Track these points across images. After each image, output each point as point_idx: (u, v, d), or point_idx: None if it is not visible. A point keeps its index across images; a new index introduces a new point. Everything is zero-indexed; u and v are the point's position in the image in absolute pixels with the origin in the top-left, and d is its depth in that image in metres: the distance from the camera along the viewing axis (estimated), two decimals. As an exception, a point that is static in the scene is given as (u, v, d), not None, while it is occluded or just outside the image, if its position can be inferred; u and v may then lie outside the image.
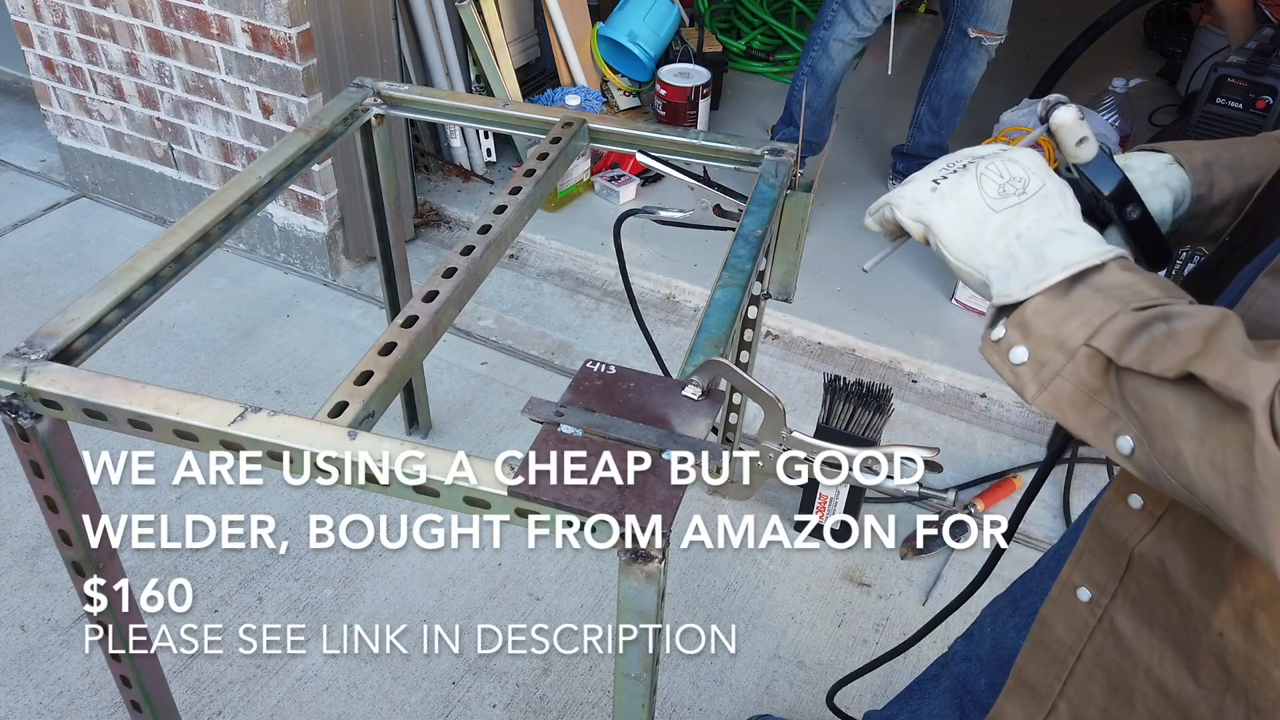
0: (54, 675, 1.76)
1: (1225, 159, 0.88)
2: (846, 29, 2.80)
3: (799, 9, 4.25)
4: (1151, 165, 0.89)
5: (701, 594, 1.96)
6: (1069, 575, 0.84)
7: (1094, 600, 0.82)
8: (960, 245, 0.73)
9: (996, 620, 1.14)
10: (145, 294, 1.20)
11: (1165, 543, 0.75)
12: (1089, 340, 0.65)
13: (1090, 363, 0.65)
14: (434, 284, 1.20)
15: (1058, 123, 0.81)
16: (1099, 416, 0.66)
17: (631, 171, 3.14)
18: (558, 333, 2.64)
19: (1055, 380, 0.67)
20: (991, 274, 0.72)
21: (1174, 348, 0.60)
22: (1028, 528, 2.13)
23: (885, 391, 1.91)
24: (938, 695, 1.26)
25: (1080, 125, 0.81)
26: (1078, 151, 0.83)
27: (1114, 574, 0.80)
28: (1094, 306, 0.65)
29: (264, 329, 2.59)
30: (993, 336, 0.71)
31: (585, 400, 0.96)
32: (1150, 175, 0.89)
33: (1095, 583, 0.82)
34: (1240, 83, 3.01)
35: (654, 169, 1.53)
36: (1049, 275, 0.68)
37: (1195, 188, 0.88)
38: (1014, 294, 0.69)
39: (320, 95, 2.45)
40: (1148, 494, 0.75)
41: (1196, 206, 0.88)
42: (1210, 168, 0.88)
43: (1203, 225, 0.90)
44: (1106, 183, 0.83)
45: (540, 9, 3.35)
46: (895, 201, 0.78)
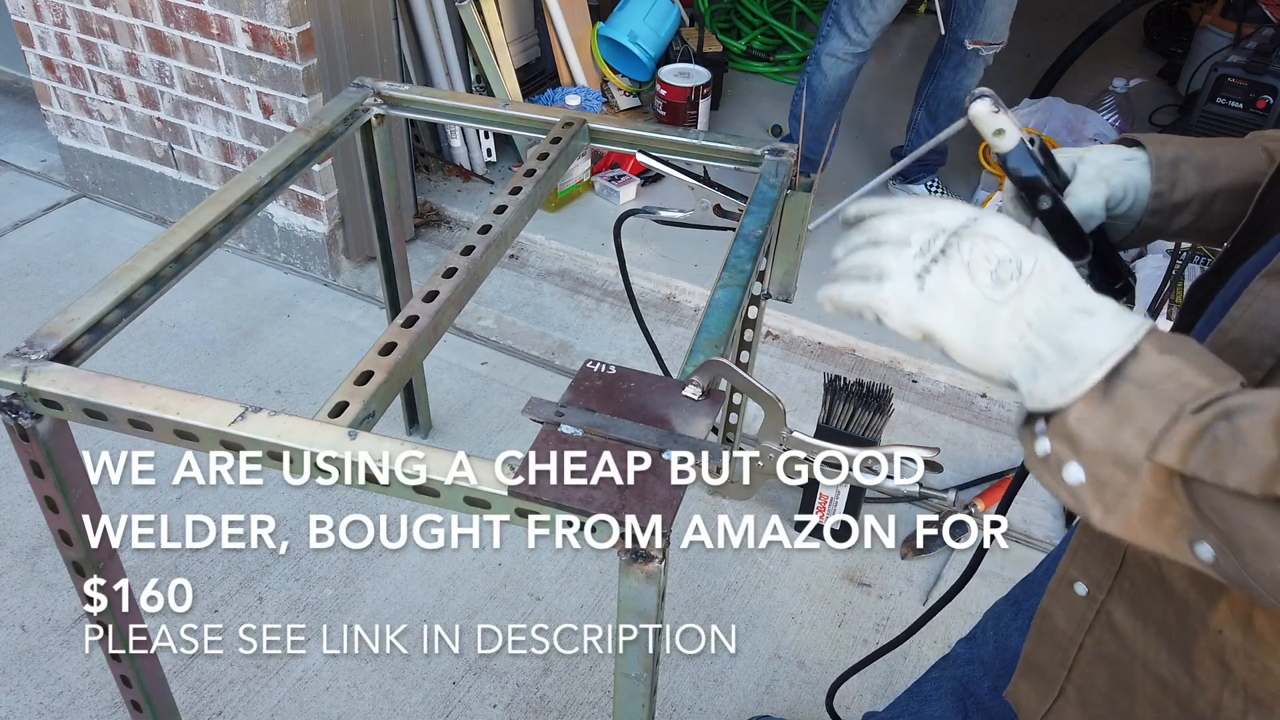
0: (54, 675, 1.76)
1: (1198, 158, 0.88)
2: (839, 44, 2.78)
3: (799, 9, 4.25)
4: (1107, 159, 0.90)
5: (701, 594, 1.96)
6: (1066, 569, 0.84)
7: (1090, 595, 0.82)
8: (971, 350, 0.66)
9: (999, 623, 1.14)
10: (145, 294, 1.20)
11: None
12: (1150, 455, 0.59)
13: (1155, 476, 0.59)
14: (434, 284, 1.20)
15: (972, 115, 0.85)
16: (1170, 526, 0.61)
17: (632, 171, 3.14)
18: (558, 333, 2.64)
19: (1122, 501, 0.61)
20: (1015, 374, 0.65)
21: (1245, 456, 0.55)
22: (1028, 528, 2.13)
23: (885, 391, 1.91)
24: (939, 697, 1.26)
25: (995, 118, 0.84)
26: (997, 142, 0.86)
27: (1109, 570, 0.80)
28: (1145, 412, 0.59)
29: (264, 329, 2.59)
30: (1039, 453, 0.65)
31: (585, 400, 0.96)
32: (1098, 169, 0.89)
33: (1091, 578, 0.82)
34: (1240, 82, 3.02)
35: (654, 169, 1.53)
36: (1084, 375, 0.61)
37: (1156, 184, 0.88)
38: (1049, 399, 0.62)
39: (320, 95, 2.45)
40: None
41: (1156, 203, 0.88)
42: (1179, 165, 0.88)
43: (1165, 222, 0.89)
44: (1022, 172, 0.87)
45: (540, 9, 3.35)
46: (881, 309, 0.68)
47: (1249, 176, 0.86)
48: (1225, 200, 0.87)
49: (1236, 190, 0.87)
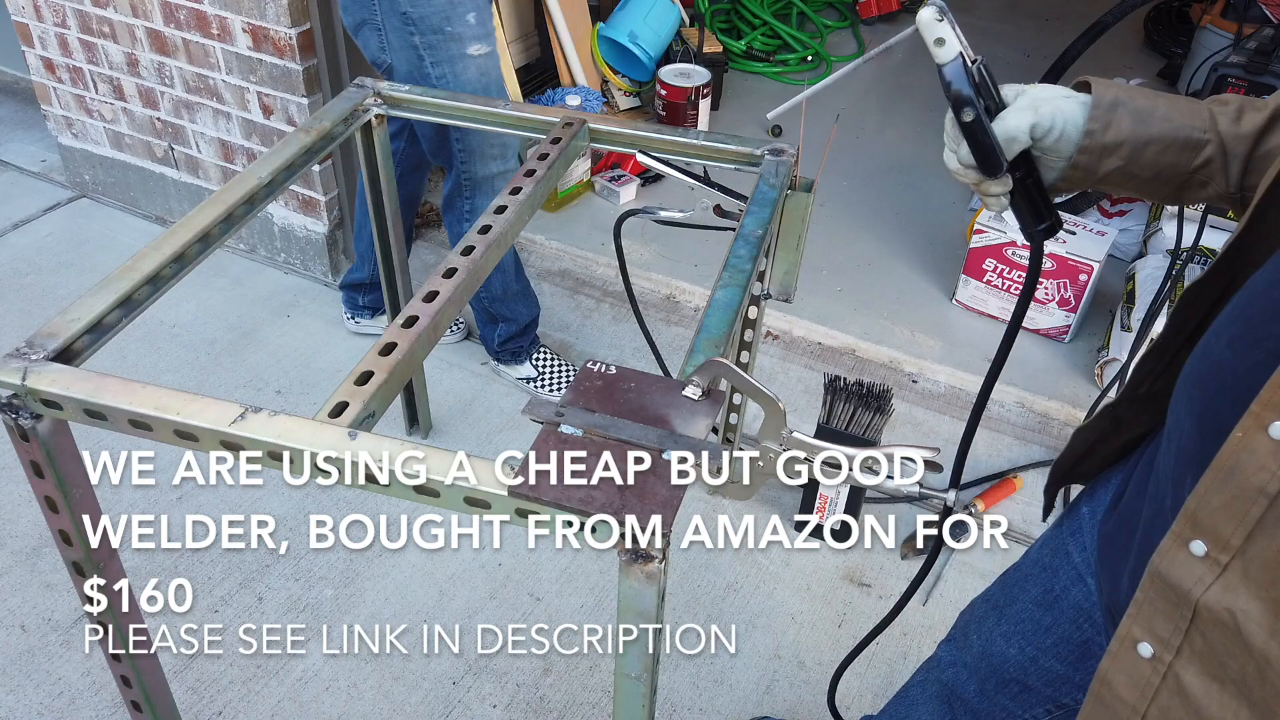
0: (54, 675, 1.76)
1: (1137, 104, 0.89)
2: None
3: (799, 9, 4.25)
4: (1047, 94, 0.92)
5: (701, 594, 1.96)
6: (1128, 629, 0.76)
7: (1156, 656, 0.74)
8: None
9: (981, 626, 1.13)
10: (145, 294, 1.20)
11: (1235, 592, 0.67)
12: None
13: None
14: (434, 284, 1.20)
15: (919, 19, 0.88)
16: None
17: (632, 172, 3.14)
18: (558, 333, 2.64)
19: None
20: None
21: None
22: (1028, 528, 2.13)
23: (885, 391, 1.91)
24: (926, 701, 1.25)
25: (937, 26, 0.88)
26: (937, 51, 0.89)
27: (1178, 627, 0.72)
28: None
29: (264, 329, 2.59)
30: None
31: (585, 400, 0.96)
32: (1031, 99, 0.92)
33: (1157, 637, 0.74)
34: (1240, 82, 3.02)
35: (654, 169, 1.53)
36: None
37: (1089, 123, 0.89)
38: None
39: (320, 95, 2.46)
40: (1212, 540, 0.68)
41: (1087, 140, 0.90)
42: (1116, 108, 0.89)
43: (1095, 161, 0.91)
44: (952, 85, 0.90)
45: (540, 9, 3.35)
46: None
47: (1183, 131, 0.87)
48: (1157, 150, 0.88)
49: (1168, 141, 0.88)
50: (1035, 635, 1.03)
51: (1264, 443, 0.62)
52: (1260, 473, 0.62)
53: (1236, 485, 0.64)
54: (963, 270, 2.69)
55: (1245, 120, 0.87)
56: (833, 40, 4.33)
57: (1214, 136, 0.87)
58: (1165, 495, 0.77)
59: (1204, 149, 0.87)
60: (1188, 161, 0.88)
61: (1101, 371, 2.47)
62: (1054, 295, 2.55)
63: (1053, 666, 1.01)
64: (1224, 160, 0.87)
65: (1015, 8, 4.88)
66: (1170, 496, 0.76)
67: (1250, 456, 0.63)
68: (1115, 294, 2.68)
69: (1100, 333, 2.62)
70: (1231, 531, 0.65)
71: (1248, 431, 0.63)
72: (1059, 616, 1.00)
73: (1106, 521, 0.91)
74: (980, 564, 2.05)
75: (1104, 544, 0.90)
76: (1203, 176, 0.89)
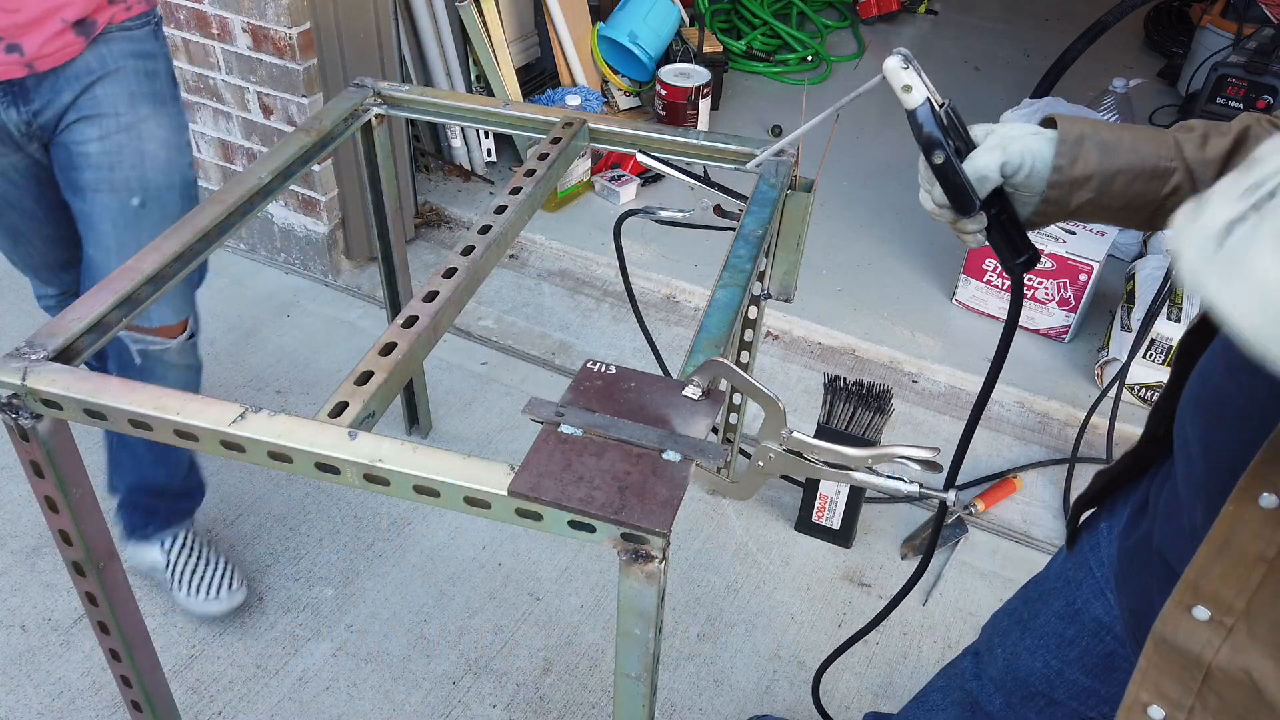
0: (54, 675, 1.76)
1: (1102, 137, 0.90)
2: None
3: (799, 9, 4.25)
4: (1014, 132, 0.93)
5: (701, 594, 1.96)
6: (1136, 694, 0.75)
7: (1169, 717, 0.74)
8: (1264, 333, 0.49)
9: (1006, 640, 1.13)
10: (146, 294, 1.20)
11: (1246, 652, 0.67)
12: None
13: None
14: (434, 284, 1.20)
15: (885, 69, 0.92)
16: None
17: (632, 171, 3.14)
18: (558, 333, 2.64)
19: None
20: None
21: None
22: (1028, 528, 2.13)
23: (885, 391, 1.91)
24: (946, 708, 1.25)
25: (903, 74, 0.92)
26: (904, 98, 0.92)
27: (1188, 688, 0.72)
28: None
29: (264, 329, 2.59)
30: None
31: (585, 400, 0.96)
32: (1000, 138, 0.93)
33: (1167, 699, 0.73)
34: (1240, 82, 3.02)
35: (654, 169, 1.53)
36: None
37: (1057, 158, 0.91)
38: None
39: (320, 95, 2.46)
40: (1215, 604, 0.68)
41: (1056, 176, 0.91)
42: (1083, 142, 0.90)
43: (1065, 195, 0.92)
44: (922, 129, 0.93)
45: (540, 9, 3.35)
46: (1179, 250, 0.51)
47: (1150, 160, 0.89)
48: (1125, 180, 0.89)
49: (1135, 172, 0.89)
50: (1059, 648, 1.03)
51: (1255, 514, 0.64)
52: (1256, 541, 0.65)
53: (1234, 554, 0.66)
54: (963, 270, 2.69)
55: (1210, 146, 0.88)
56: (833, 40, 4.34)
57: (1180, 164, 0.88)
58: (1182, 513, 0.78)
59: (1172, 177, 0.89)
60: (1157, 190, 0.89)
61: (1101, 371, 2.47)
62: (1054, 295, 2.56)
63: (1078, 679, 1.01)
64: (1192, 186, 0.88)
65: (1015, 8, 4.88)
66: (1187, 516, 0.77)
67: (1244, 527, 0.65)
68: (1115, 294, 2.68)
69: (1100, 333, 2.62)
70: (1234, 596, 0.67)
71: (1239, 505, 0.65)
72: (1081, 630, 1.00)
73: (1126, 537, 0.92)
74: (980, 564, 2.05)
75: (1124, 560, 0.91)
76: (1174, 204, 0.89)
